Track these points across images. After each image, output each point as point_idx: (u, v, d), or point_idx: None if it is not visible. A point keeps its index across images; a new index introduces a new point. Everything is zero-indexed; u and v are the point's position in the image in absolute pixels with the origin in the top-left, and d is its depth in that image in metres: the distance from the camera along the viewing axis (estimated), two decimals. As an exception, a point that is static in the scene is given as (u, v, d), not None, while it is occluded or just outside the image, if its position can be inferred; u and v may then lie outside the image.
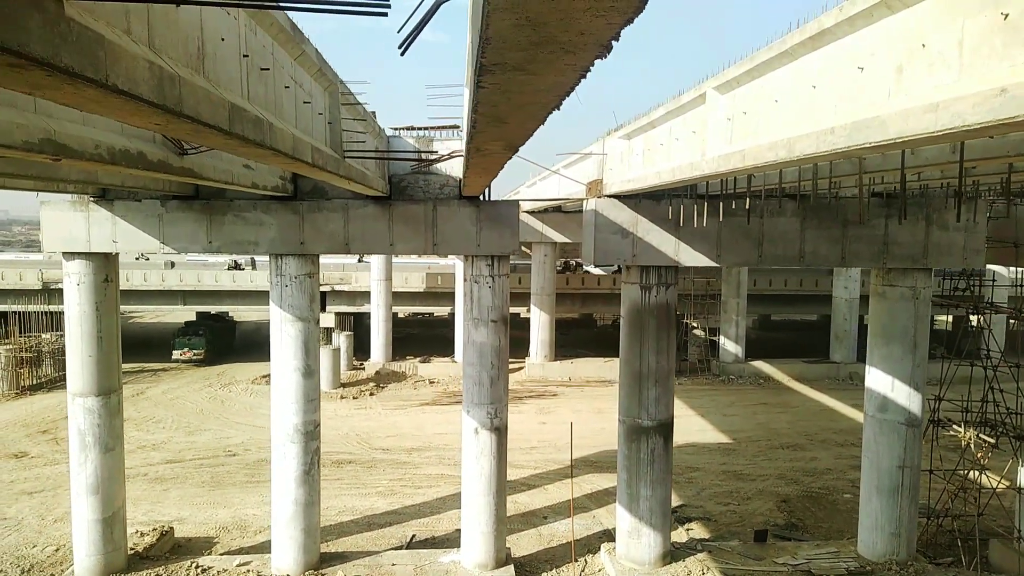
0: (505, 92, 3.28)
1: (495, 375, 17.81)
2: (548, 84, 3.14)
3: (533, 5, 1.94)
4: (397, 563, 18.36)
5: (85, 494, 17.09)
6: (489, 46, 2.42)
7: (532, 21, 2.10)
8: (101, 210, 16.40)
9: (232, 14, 5.52)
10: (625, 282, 17.99)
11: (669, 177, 12.02)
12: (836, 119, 6.92)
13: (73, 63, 2.93)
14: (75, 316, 16.58)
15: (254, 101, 6.12)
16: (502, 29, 2.19)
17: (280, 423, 17.54)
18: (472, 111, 4.00)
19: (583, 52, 2.57)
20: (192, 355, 45.94)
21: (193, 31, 4.73)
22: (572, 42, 2.36)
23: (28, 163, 9.76)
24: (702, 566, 18.46)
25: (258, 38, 6.34)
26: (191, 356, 45.92)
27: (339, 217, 17.02)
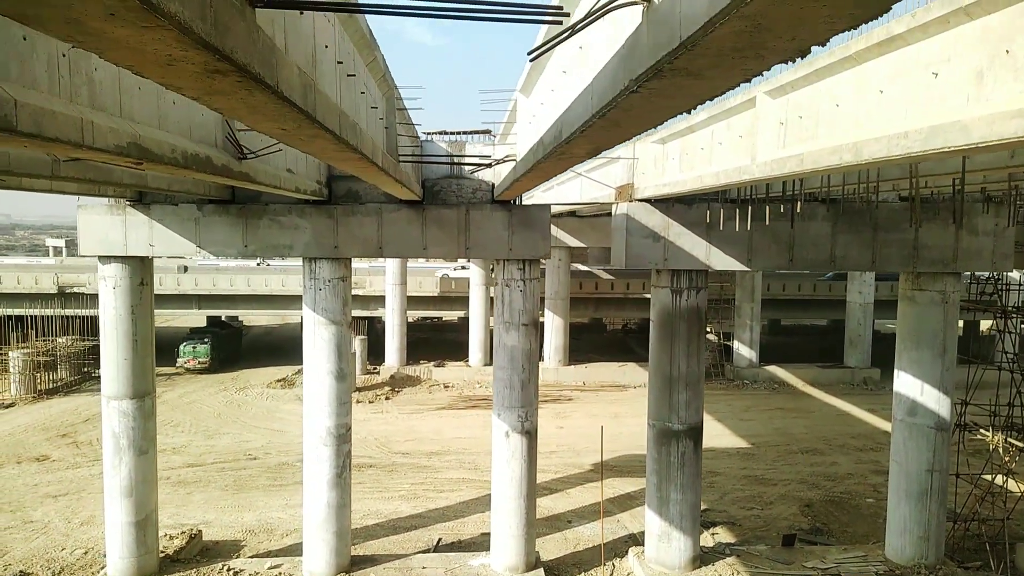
0: (655, 97, 3.35)
1: (526, 378, 17.89)
2: (707, 90, 3.21)
3: (773, 10, 1.99)
4: (427, 566, 18.41)
5: (119, 497, 17.16)
6: (690, 51, 2.47)
7: (760, 27, 2.16)
8: (138, 214, 16.53)
9: (331, 20, 5.63)
10: (655, 286, 18.06)
11: (712, 181, 12.10)
12: (908, 123, 7.00)
13: (259, 70, 3.02)
14: (110, 319, 16.68)
15: (343, 106, 6.23)
16: (723, 35, 2.25)
17: (312, 426, 17.62)
18: (596, 115, 4.08)
19: (773, 58, 2.64)
20: (197, 363, 45.12)
21: (309, 38, 4.83)
22: (776, 47, 2.42)
23: (87, 166, 9.87)
24: (732, 570, 18.48)
25: (345, 44, 6.45)
26: (196, 364, 45.10)
27: (373, 221, 17.12)
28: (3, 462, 27.93)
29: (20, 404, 36.37)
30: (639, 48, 2.99)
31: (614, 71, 3.57)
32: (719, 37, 2.27)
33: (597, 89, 4.05)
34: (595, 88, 4.11)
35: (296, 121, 4.20)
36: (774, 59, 2.63)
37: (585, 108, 4.45)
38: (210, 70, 2.79)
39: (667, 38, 2.60)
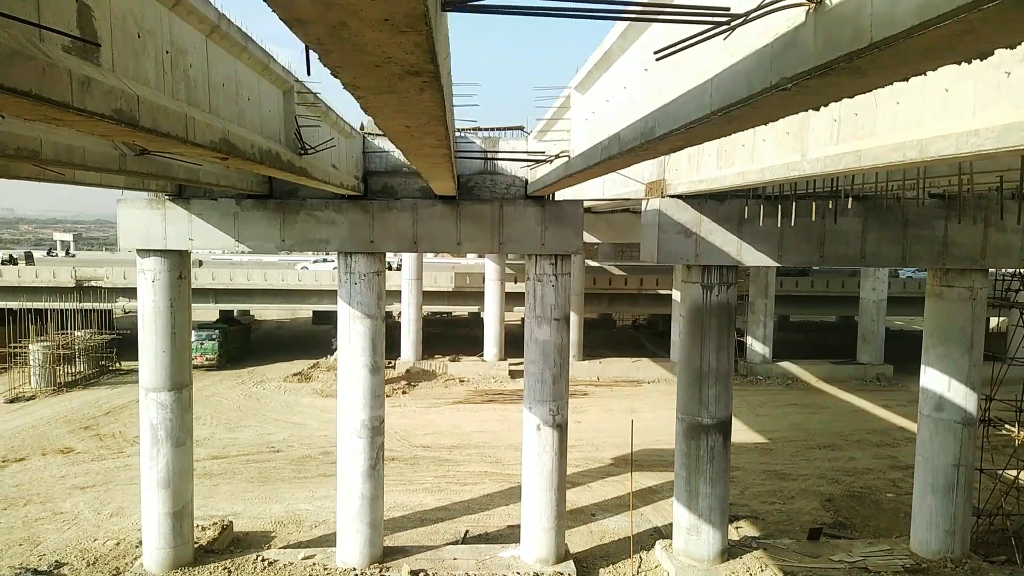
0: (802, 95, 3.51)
1: (557, 372, 18.07)
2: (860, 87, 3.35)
3: (992, 15, 2.11)
4: (458, 557, 18.62)
5: (156, 488, 17.39)
6: (880, 51, 2.60)
7: (965, 32, 2.29)
8: (178, 208, 16.72)
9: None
10: (685, 281, 18.21)
11: (756, 178, 12.24)
12: (977, 122, 7.14)
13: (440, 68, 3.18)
14: (149, 312, 16.89)
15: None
16: (925, 39, 2.39)
17: (346, 418, 17.83)
18: (718, 111, 4.24)
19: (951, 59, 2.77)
20: (204, 360, 43.96)
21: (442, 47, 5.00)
22: (964, 50, 2.55)
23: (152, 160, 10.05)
24: (760, 563, 18.67)
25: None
26: (203, 361, 43.86)
27: (408, 216, 17.30)
28: (29, 454, 28.20)
29: (41, 397, 36.66)
30: (800, 47, 3.15)
31: (751, 68, 3.72)
32: (919, 41, 2.41)
33: (720, 85, 4.21)
34: (717, 84, 4.26)
35: (427, 117, 4.37)
36: (951, 60, 2.78)
37: (699, 104, 4.60)
38: (407, 72, 2.96)
39: (848, 38, 2.74)
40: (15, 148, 7.00)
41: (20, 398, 36.08)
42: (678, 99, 5.09)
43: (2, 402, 35.54)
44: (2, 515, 22.40)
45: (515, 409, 36.69)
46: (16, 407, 34.95)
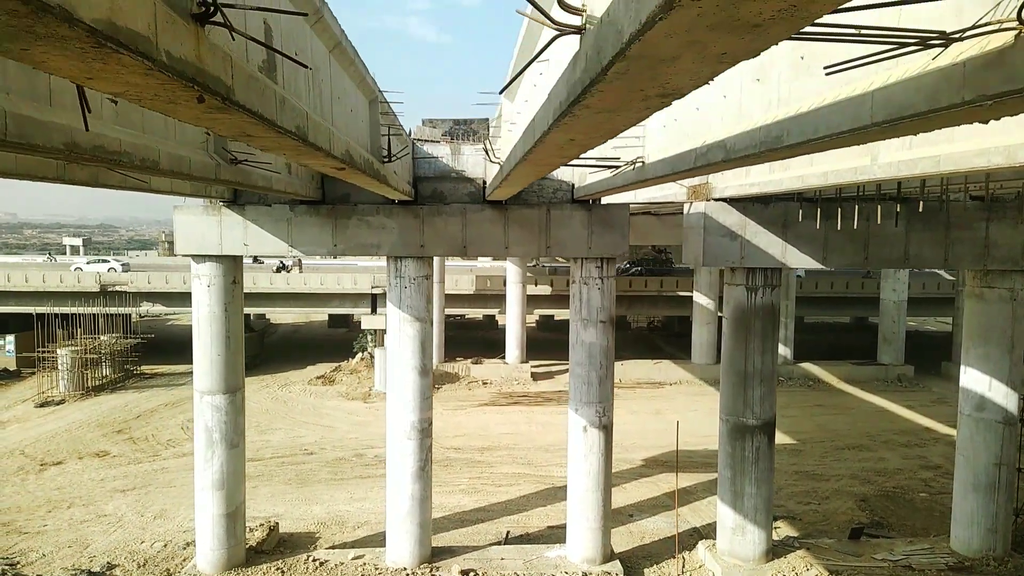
0: (991, 111, 3.76)
1: (603, 374, 18.28)
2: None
3: None
4: (505, 557, 18.83)
5: (210, 489, 17.65)
6: None
7: None
8: (233, 214, 16.99)
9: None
10: (729, 283, 18.41)
11: (818, 182, 12.46)
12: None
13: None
14: (204, 317, 17.16)
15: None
16: None
17: (396, 420, 18.06)
18: (878, 123, 4.47)
19: None
20: None
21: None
22: None
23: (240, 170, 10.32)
24: (804, 562, 18.84)
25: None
26: None
27: (457, 221, 17.55)
28: (65, 458, 28.50)
29: (70, 401, 36.98)
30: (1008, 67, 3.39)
31: (935, 83, 3.98)
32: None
33: (890, 98, 4.45)
34: (884, 96, 4.51)
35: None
36: None
37: (855, 115, 4.84)
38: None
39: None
40: (141, 159, 7.26)
41: (50, 402, 36.41)
42: (820, 109, 5.32)
43: (32, 406, 35.87)
44: (48, 518, 22.69)
45: (540, 411, 36.99)
46: (47, 411, 35.28)
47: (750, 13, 1.91)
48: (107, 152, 6.61)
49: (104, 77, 2.67)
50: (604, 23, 2.62)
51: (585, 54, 3.01)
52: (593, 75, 2.81)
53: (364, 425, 33.85)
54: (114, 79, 2.72)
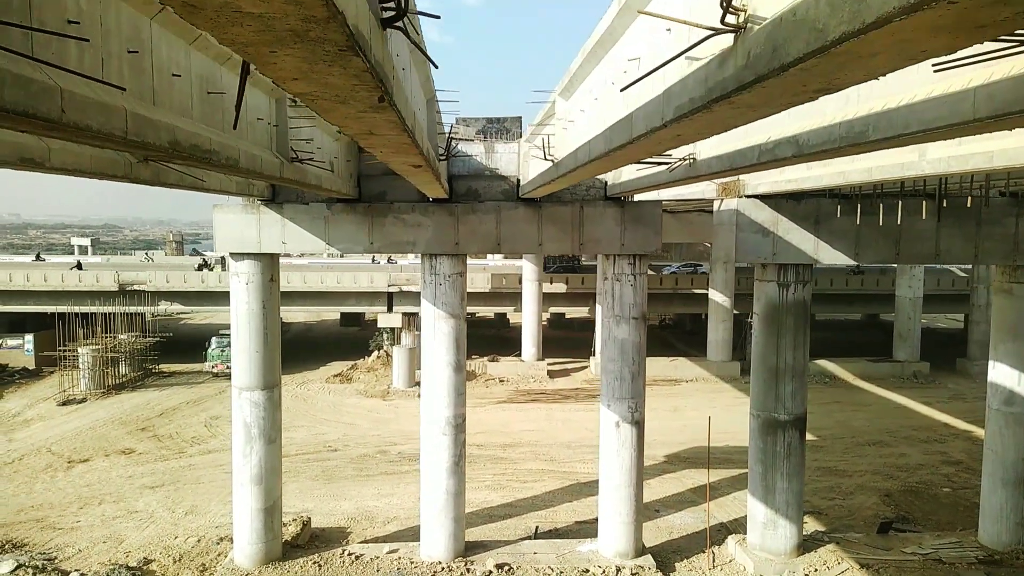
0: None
1: (636, 371, 18.44)
2: None
3: None
4: (538, 552, 19.01)
5: (249, 484, 17.85)
6: None
7: None
8: (271, 212, 17.19)
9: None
10: (760, 280, 18.55)
11: (860, 178, 12.60)
12: None
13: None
14: (243, 314, 17.35)
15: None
16: None
17: (431, 416, 18.24)
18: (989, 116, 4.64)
19: None
20: (226, 367, 40.61)
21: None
22: None
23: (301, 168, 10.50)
24: (835, 556, 18.98)
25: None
26: (224, 368, 40.88)
27: (492, 218, 17.71)
28: (92, 455, 28.75)
29: (92, 399, 37.25)
30: None
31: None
32: None
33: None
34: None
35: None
36: None
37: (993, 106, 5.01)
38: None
39: None
40: (226, 157, 7.45)
41: (72, 400, 36.68)
42: (914, 105, 5.48)
43: (55, 404, 36.15)
44: (80, 514, 22.92)
45: (559, 409, 37.16)
46: (70, 409, 35.56)
47: (988, 15, 2.06)
48: (201, 150, 6.80)
49: (312, 77, 2.83)
50: (785, 22, 2.78)
51: (748, 52, 3.17)
52: (760, 72, 2.97)
53: (385, 422, 34.07)
54: (318, 79, 2.88)
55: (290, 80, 2.93)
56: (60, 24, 4.77)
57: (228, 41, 2.39)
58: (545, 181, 11.48)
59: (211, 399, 37.55)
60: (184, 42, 6.89)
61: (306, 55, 2.48)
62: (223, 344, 42.10)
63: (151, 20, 6.18)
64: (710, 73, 3.68)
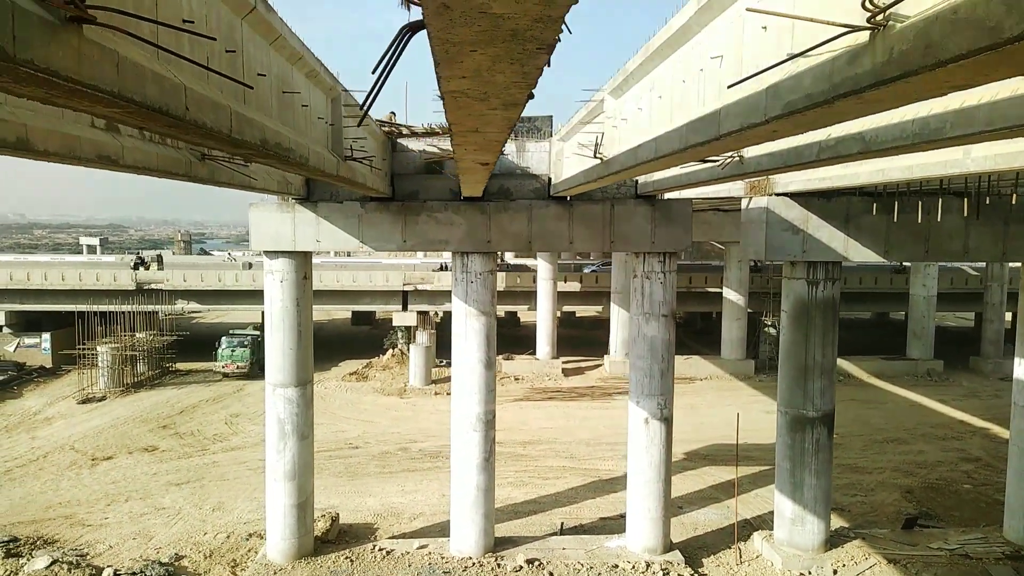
0: None
1: (664, 368, 18.56)
2: None
3: None
4: (567, 547, 19.15)
5: (282, 480, 18.01)
6: None
7: None
8: (306, 211, 17.35)
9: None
10: (789, 277, 18.67)
11: (900, 176, 12.71)
12: None
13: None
14: (277, 311, 17.52)
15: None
16: None
17: (461, 412, 18.38)
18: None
19: None
20: (235, 368, 41.36)
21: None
22: None
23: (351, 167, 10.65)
24: (862, 552, 19.10)
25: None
26: (234, 369, 41.34)
27: (523, 217, 17.85)
28: (115, 453, 28.95)
29: (111, 397, 37.47)
30: None
31: None
32: None
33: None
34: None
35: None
36: None
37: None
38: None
39: None
40: (299, 156, 7.59)
41: (92, 399, 36.90)
42: (998, 103, 5.60)
43: (75, 403, 36.36)
44: (107, 511, 23.11)
45: (576, 407, 37.30)
46: (90, 407, 35.78)
47: None
48: (283, 148, 6.95)
49: (483, 76, 2.97)
50: (942, 20, 2.90)
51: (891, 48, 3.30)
52: (909, 68, 3.11)
53: (403, 420, 34.23)
54: (487, 77, 3.02)
55: (457, 78, 3.06)
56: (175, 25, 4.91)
57: (443, 40, 2.52)
58: (591, 179, 11.61)
59: (230, 397, 37.76)
60: (266, 42, 7.04)
61: (500, 53, 2.61)
62: (233, 344, 42.07)
63: (242, 20, 6.33)
64: (837, 69, 3.81)
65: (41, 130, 6.30)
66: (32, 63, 3.06)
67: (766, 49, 5.09)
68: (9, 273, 45.17)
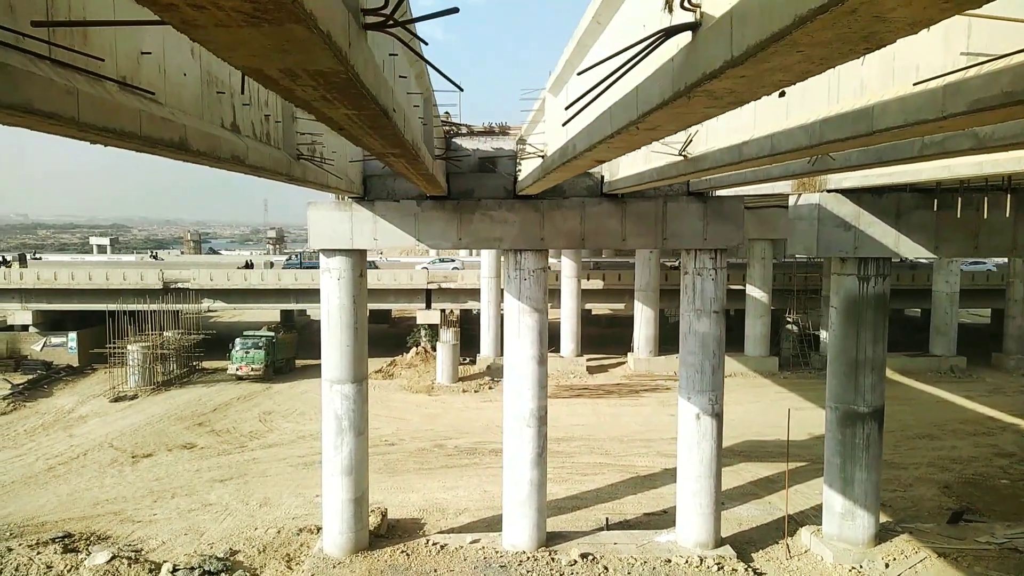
0: None
1: (716, 364, 18.72)
2: None
3: None
4: (618, 542, 19.33)
5: (340, 475, 18.23)
6: None
7: None
8: (363, 210, 17.55)
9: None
10: (839, 273, 18.79)
11: (968, 171, 12.85)
12: None
13: None
14: (335, 309, 17.73)
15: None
16: None
17: (514, 409, 18.57)
18: None
19: None
20: (250, 370, 40.21)
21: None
22: None
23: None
24: (911, 546, 19.24)
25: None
26: (248, 372, 40.21)
27: (576, 214, 18.03)
28: (154, 450, 29.23)
29: (142, 396, 37.78)
30: None
31: None
32: None
33: None
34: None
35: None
36: None
37: None
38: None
39: None
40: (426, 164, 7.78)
41: (123, 397, 37.21)
42: None
43: (107, 401, 36.67)
44: (155, 507, 23.37)
45: (604, 404, 37.48)
46: (123, 406, 36.08)
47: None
48: (416, 146, 7.12)
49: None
50: None
51: None
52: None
53: (435, 417, 34.46)
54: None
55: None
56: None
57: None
58: (666, 176, 11.80)
59: (260, 395, 38.03)
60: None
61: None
62: (247, 346, 40.97)
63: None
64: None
65: (194, 131, 6.51)
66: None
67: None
68: (36, 273, 45.56)
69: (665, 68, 4.63)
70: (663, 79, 4.68)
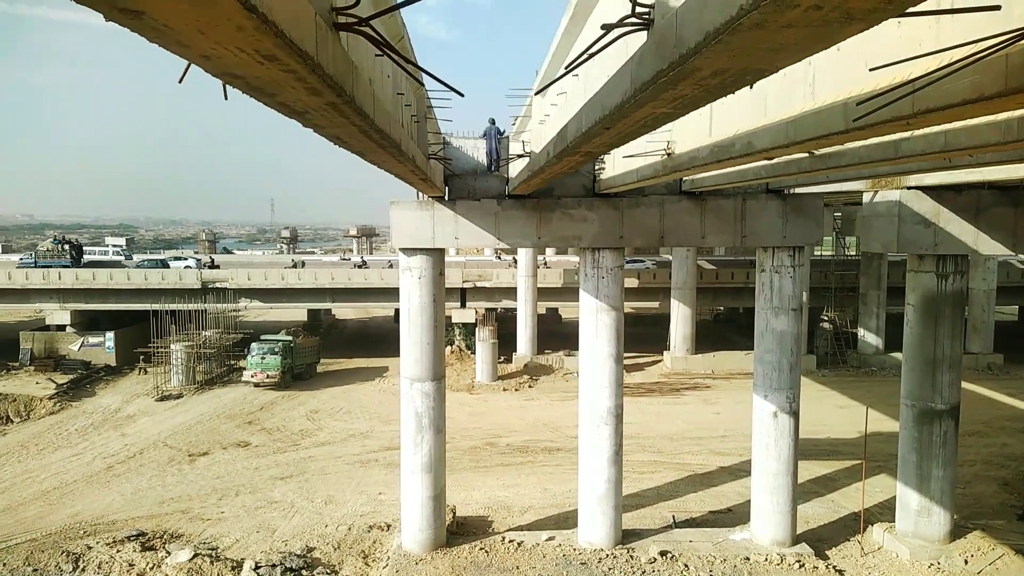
0: None
1: (794, 361, 18.75)
2: None
3: None
4: (693, 540, 19.39)
5: (420, 472, 18.35)
6: None
7: None
8: (444, 209, 17.65)
9: None
10: (916, 271, 18.78)
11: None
12: None
13: None
14: (415, 307, 17.83)
15: None
16: None
17: (591, 407, 18.65)
18: None
19: None
20: (265, 377, 38.11)
21: None
22: None
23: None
24: (987, 542, 19.23)
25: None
26: (264, 379, 38.13)
27: (655, 212, 18.08)
28: (209, 448, 29.42)
29: (187, 395, 38.00)
30: None
31: None
32: None
33: None
34: None
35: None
36: None
37: None
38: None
39: None
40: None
41: (169, 396, 37.45)
42: None
43: (152, 400, 36.91)
44: (222, 505, 23.53)
45: (647, 402, 37.48)
46: (170, 405, 36.32)
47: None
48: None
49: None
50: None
51: None
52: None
53: (481, 415, 34.58)
54: None
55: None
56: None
57: None
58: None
59: (304, 394, 38.21)
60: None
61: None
62: (263, 351, 38.71)
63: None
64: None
65: (396, 127, 6.58)
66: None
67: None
68: (75, 273, 45.86)
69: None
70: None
